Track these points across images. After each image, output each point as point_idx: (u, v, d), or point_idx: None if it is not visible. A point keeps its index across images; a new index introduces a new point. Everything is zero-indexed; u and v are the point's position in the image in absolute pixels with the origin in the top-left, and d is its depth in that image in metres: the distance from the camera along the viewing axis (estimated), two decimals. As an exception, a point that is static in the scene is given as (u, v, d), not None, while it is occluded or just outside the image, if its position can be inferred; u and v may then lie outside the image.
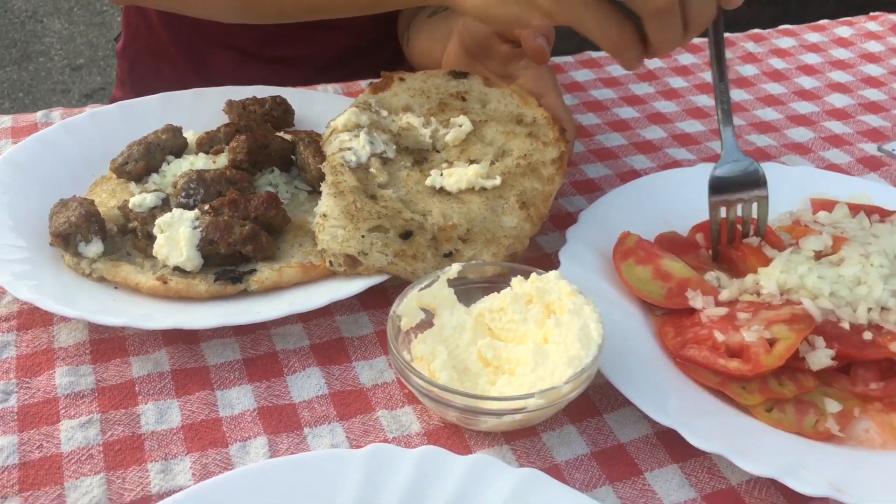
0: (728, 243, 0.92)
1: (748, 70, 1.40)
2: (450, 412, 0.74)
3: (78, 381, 0.78)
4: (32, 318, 0.85)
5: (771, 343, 0.78)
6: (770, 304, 0.83)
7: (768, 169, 1.06)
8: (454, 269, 0.82)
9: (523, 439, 0.76)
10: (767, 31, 1.52)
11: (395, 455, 0.68)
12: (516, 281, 0.81)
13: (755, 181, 0.92)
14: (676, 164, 1.14)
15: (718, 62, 0.88)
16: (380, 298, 0.89)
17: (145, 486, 0.70)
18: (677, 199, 1.02)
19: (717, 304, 0.85)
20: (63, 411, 0.76)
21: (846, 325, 0.81)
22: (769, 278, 0.85)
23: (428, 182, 0.93)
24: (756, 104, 1.31)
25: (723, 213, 0.93)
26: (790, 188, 1.04)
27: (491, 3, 0.80)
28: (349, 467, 0.68)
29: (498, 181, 0.93)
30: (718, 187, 0.92)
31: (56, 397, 0.77)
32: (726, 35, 1.45)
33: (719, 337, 0.80)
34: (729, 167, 0.93)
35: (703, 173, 1.04)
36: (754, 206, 0.92)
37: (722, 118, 0.91)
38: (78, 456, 0.72)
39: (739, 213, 0.93)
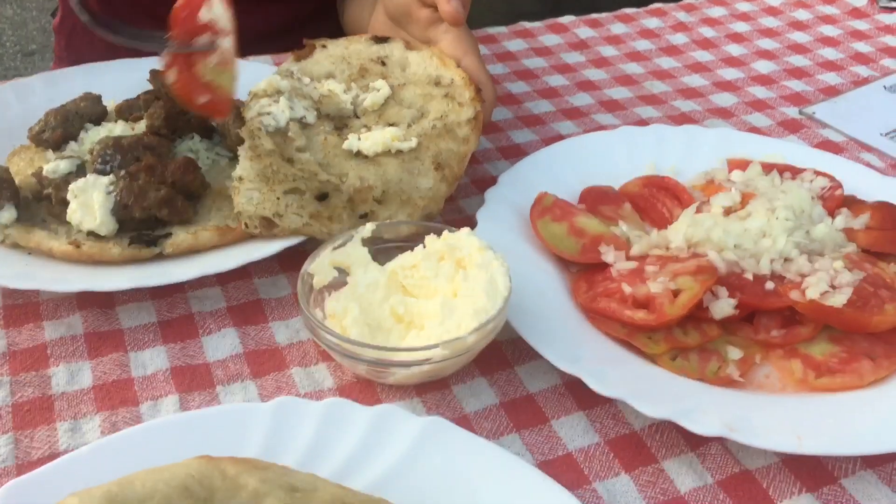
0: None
1: (678, 38, 1.42)
2: (360, 366, 0.75)
3: (-11, 345, 0.78)
4: (-56, 284, 0.84)
5: (676, 294, 0.80)
6: (678, 257, 0.85)
7: (688, 131, 1.09)
8: (368, 228, 0.83)
9: (434, 392, 0.77)
10: (699, 0, 1.54)
11: (301, 407, 0.69)
12: (429, 239, 0.82)
13: None
14: (602, 128, 1.16)
15: None
16: (299, 260, 0.88)
17: (53, 445, 0.70)
18: (598, 160, 1.03)
19: (629, 258, 0.87)
20: (-28, 375, 0.75)
21: (749, 276, 0.83)
22: (677, 233, 0.87)
23: (345, 146, 0.93)
24: (684, 71, 1.33)
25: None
26: (709, 150, 1.06)
27: None
28: (256, 420, 0.68)
29: (414, 143, 0.94)
30: None
31: (-35, 361, 0.77)
32: (659, 6, 1.48)
33: (627, 289, 0.82)
34: None
35: (624, 136, 1.07)
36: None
37: None
38: (-15, 417, 0.72)
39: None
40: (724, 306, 0.80)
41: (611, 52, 1.38)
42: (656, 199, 0.97)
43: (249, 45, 1.36)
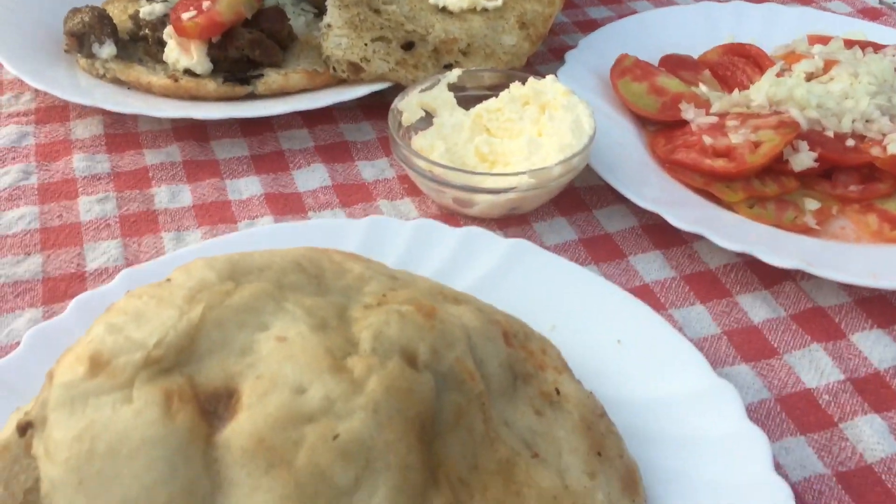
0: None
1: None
2: (447, 194, 0.78)
3: (94, 166, 0.83)
4: (50, 114, 0.88)
5: (756, 145, 0.81)
6: (759, 114, 0.86)
7: (768, 7, 1.08)
8: (455, 73, 0.85)
9: (515, 227, 0.80)
10: None
11: (392, 225, 0.72)
12: (514, 85, 0.84)
13: None
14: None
15: None
16: (382, 108, 0.91)
17: (159, 251, 0.74)
18: (676, 32, 1.04)
19: (709, 115, 0.88)
20: (81, 189, 0.80)
21: (830, 134, 0.84)
22: (759, 91, 0.87)
23: (431, 1, 0.95)
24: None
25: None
26: (789, 27, 1.05)
27: None
28: (349, 234, 0.72)
29: (499, 2, 0.95)
30: None
31: (74, 178, 0.81)
32: None
33: (707, 140, 0.83)
34: None
35: (704, 10, 1.07)
36: None
37: None
38: (96, 225, 0.76)
39: None
40: (804, 159, 0.81)
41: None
42: (736, 66, 0.97)
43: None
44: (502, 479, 0.49)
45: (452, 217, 0.80)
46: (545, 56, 1.04)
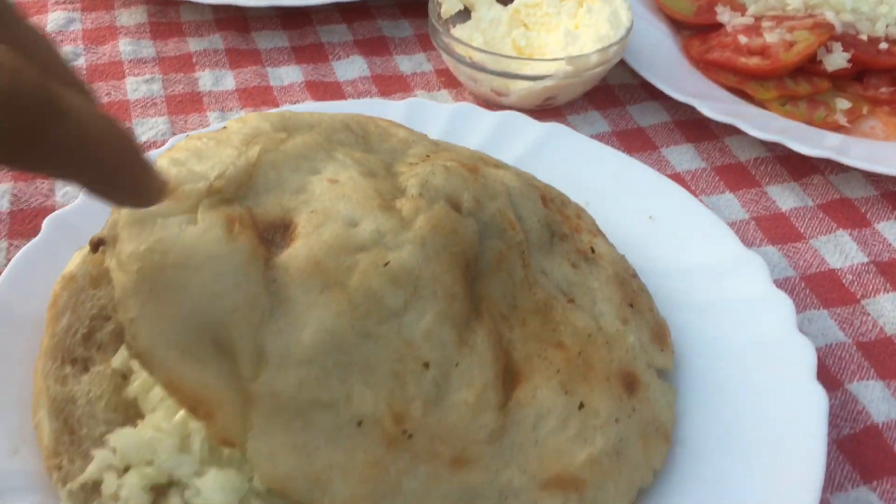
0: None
1: None
2: (485, 81, 0.79)
3: (140, 50, 0.85)
4: (95, 2, 0.90)
5: (791, 45, 0.82)
6: (794, 16, 0.86)
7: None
8: (493, -32, 0.86)
9: (549, 118, 0.81)
10: None
11: (431, 107, 0.74)
12: (552, -19, 0.85)
13: None
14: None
15: None
16: (421, 8, 0.93)
17: (204, 125, 0.77)
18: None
19: (744, 17, 0.88)
20: (128, 70, 0.82)
21: (864, 37, 0.85)
22: (795, -6, 0.88)
23: None
24: None
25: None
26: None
27: None
28: (390, 113, 0.73)
29: None
30: None
31: (121, 61, 0.83)
32: None
33: (742, 40, 0.84)
34: None
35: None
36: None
37: None
38: (143, 103, 0.79)
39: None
40: (837, 59, 0.82)
41: None
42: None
43: None
44: (540, 318, 0.51)
45: (489, 108, 0.82)
46: (581, -36, 1.05)
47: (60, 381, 0.50)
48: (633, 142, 0.80)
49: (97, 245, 0.47)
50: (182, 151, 0.51)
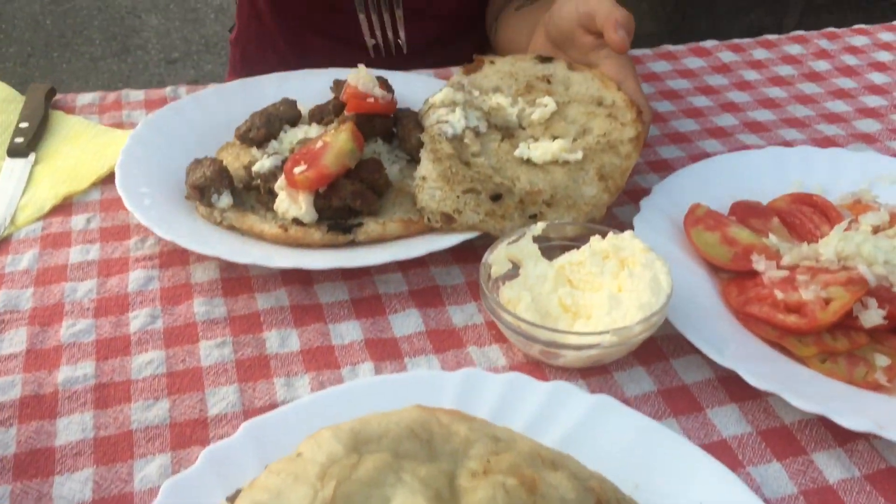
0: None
1: (821, 65, 1.46)
2: (534, 347, 0.84)
3: (212, 310, 0.91)
4: (171, 258, 0.98)
5: (827, 302, 0.86)
6: (828, 269, 0.91)
7: (833, 154, 1.14)
8: (539, 226, 0.92)
9: (597, 376, 0.85)
10: (842, 29, 1.58)
11: (485, 378, 0.79)
12: (594, 239, 0.91)
13: None
14: (746, 148, 1.22)
15: None
16: (470, 254, 1.00)
17: (272, 396, 0.82)
18: (746, 177, 1.10)
19: (779, 267, 0.93)
20: (201, 334, 0.88)
21: (899, 290, 0.88)
22: (828, 246, 0.92)
23: (516, 153, 1.03)
24: (826, 97, 1.37)
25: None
26: (855, 172, 1.11)
27: None
28: (445, 386, 0.78)
29: (579, 155, 1.02)
30: None
31: (195, 322, 0.90)
32: (802, 33, 1.53)
33: (779, 295, 0.88)
34: None
35: (771, 155, 1.13)
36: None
37: None
38: (215, 370, 0.84)
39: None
40: (873, 316, 0.85)
41: (753, 76, 1.43)
42: (804, 215, 1.02)
43: (402, 61, 1.49)
44: None
45: (537, 366, 0.86)
46: (620, 198, 1.11)
47: None
48: (679, 402, 0.83)
49: None
50: (263, 492, 0.55)
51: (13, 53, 4.38)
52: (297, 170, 0.97)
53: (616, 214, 1.08)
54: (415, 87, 1.26)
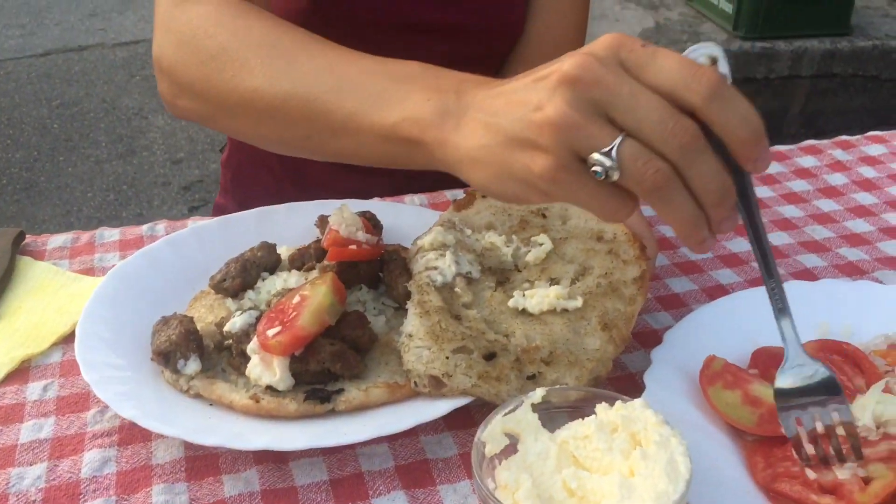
0: (821, 462, 0.79)
1: (837, 179, 1.38)
2: (534, 545, 0.73)
3: (173, 499, 0.81)
4: (132, 434, 0.89)
5: (866, 482, 0.76)
6: (867, 439, 0.80)
7: (861, 287, 1.05)
8: (538, 394, 0.83)
9: (609, 575, 0.74)
10: (856, 137, 1.50)
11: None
12: (601, 408, 0.81)
13: (829, 388, 0.80)
14: (763, 278, 1.13)
15: (762, 255, 0.77)
16: (464, 419, 0.90)
17: None
18: (767, 318, 1.00)
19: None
20: (158, 530, 0.78)
21: (947, 456, 0.78)
22: (864, 409, 0.82)
23: (511, 303, 0.95)
24: (846, 215, 1.29)
25: (801, 423, 0.81)
26: (886, 308, 1.01)
27: (491, 181, 0.78)
28: None
29: (579, 302, 0.94)
30: (786, 398, 0.82)
31: (152, 515, 0.80)
32: (814, 143, 1.45)
33: (811, 475, 0.77)
34: (795, 375, 0.82)
35: (793, 291, 1.03)
36: (834, 415, 0.80)
37: (779, 317, 0.83)
38: (171, 577, 0.74)
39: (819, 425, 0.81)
40: (922, 478, 0.75)
41: (766, 192, 1.35)
42: (835, 365, 0.92)
43: (403, 181, 1.41)
44: None
45: (541, 563, 0.75)
46: (629, 343, 1.02)
47: None
48: None
49: None
50: None
51: (19, 159, 4.40)
52: (270, 332, 0.88)
53: (625, 364, 0.99)
54: (405, 218, 1.19)
